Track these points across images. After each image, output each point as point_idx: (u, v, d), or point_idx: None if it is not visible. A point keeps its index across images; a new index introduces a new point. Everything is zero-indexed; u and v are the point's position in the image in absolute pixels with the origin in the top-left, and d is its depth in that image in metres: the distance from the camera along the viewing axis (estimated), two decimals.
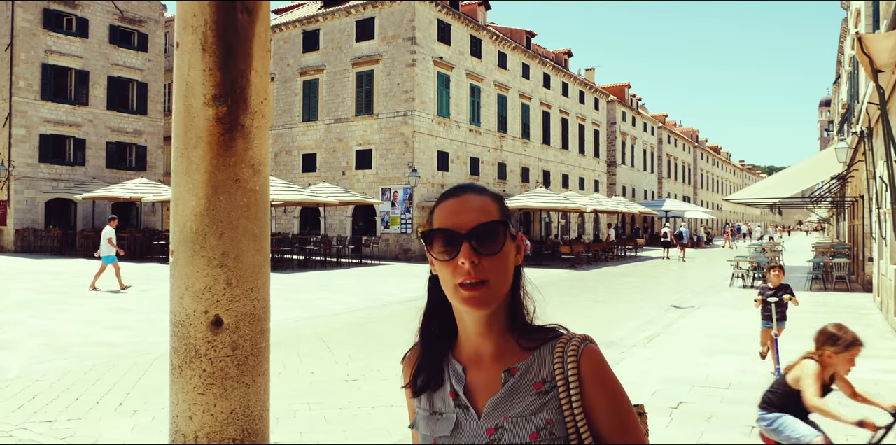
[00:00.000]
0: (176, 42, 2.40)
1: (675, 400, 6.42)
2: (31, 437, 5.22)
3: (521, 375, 1.24)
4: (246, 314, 2.34)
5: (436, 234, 1.23)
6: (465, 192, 1.27)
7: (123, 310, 12.45)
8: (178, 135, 2.27)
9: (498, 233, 1.21)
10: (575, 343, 1.23)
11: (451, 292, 1.22)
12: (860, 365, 7.75)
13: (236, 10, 2.39)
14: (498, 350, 1.27)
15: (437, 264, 1.24)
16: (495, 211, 1.24)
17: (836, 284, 17.89)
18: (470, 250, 1.18)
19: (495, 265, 1.20)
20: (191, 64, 2.35)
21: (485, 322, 1.25)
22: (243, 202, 2.33)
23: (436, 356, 1.35)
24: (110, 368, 7.75)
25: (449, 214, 1.24)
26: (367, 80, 30.75)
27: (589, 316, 12.76)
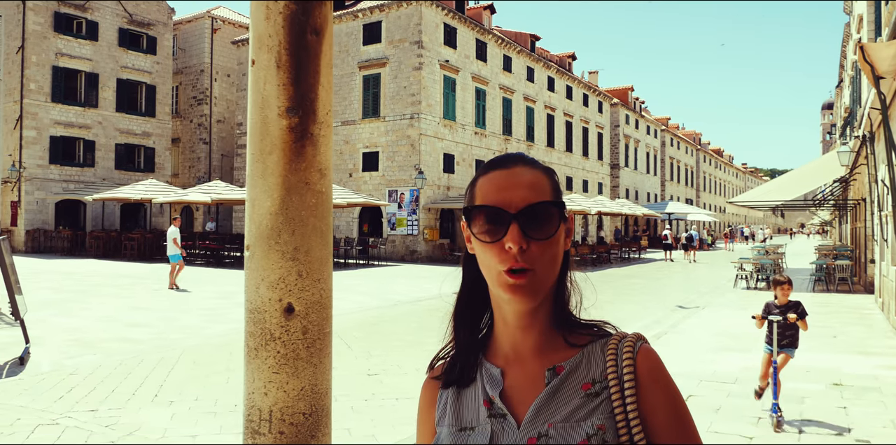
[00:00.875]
0: (251, 59, 2.72)
1: (684, 394, 6.70)
2: (77, 425, 5.52)
3: (568, 374, 1.08)
4: (314, 302, 2.65)
5: (479, 211, 1.08)
6: (515, 164, 1.12)
7: (141, 309, 12.75)
8: (253, 142, 2.59)
9: (552, 216, 1.07)
10: (629, 341, 1.10)
11: (494, 277, 1.07)
12: (863, 362, 8.08)
13: (306, 32, 2.70)
14: (540, 345, 1.12)
15: (478, 246, 1.09)
16: (548, 189, 1.10)
17: (838, 286, 18.16)
18: (519, 233, 1.03)
19: (545, 251, 1.06)
20: (266, 79, 2.66)
21: (528, 313, 1.10)
22: (312, 203, 2.65)
23: (471, 351, 1.18)
24: (139, 363, 8.05)
25: (496, 188, 1.08)
26: (374, 83, 31.07)
27: (595, 316, 13.02)
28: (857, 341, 9.94)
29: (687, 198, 73.53)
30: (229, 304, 13.58)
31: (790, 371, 7.81)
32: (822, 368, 7.96)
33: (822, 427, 5.58)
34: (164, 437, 5.25)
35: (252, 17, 2.76)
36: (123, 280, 18.50)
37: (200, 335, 10.08)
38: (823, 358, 8.61)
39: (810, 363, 8.20)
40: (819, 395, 6.70)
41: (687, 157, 75.15)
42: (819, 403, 6.39)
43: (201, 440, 5.19)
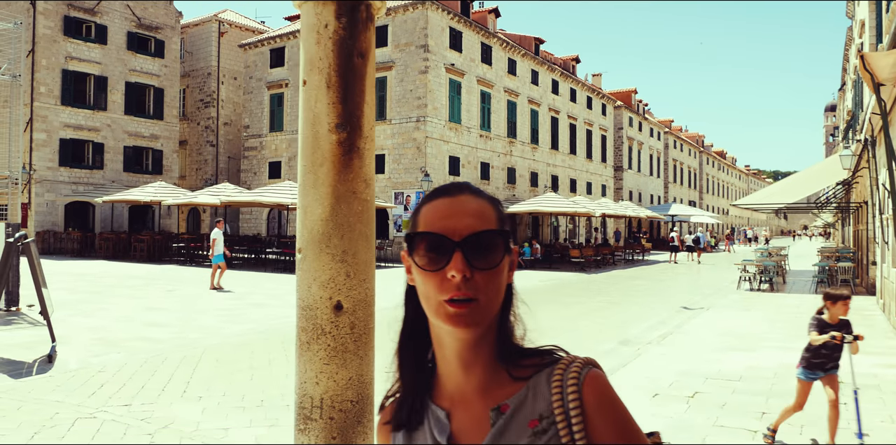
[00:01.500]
0: (302, 80, 3.02)
1: (690, 390, 6.98)
2: (114, 418, 5.80)
3: (514, 412, 1.04)
4: (360, 300, 2.95)
5: (422, 238, 1.05)
6: (460, 192, 1.09)
7: (157, 309, 13.04)
8: (305, 155, 2.88)
9: (497, 245, 1.05)
10: (575, 368, 1.03)
11: (434, 308, 1.03)
12: (864, 361, 8.32)
13: (353, 55, 3.00)
14: (484, 382, 1.08)
15: (418, 274, 1.05)
16: (494, 218, 1.08)
17: (840, 287, 18.37)
18: (463, 261, 1.01)
19: (489, 281, 1.03)
20: (317, 98, 2.96)
21: (469, 347, 1.06)
22: (358, 210, 2.95)
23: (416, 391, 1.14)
24: (163, 361, 8.33)
25: (440, 216, 1.06)
26: (381, 87, 31.37)
27: (604, 316, 13.31)
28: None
29: (690, 200, 73.74)
30: (243, 305, 13.86)
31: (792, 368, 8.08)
32: None
33: (824, 422, 5.84)
34: (198, 430, 5.53)
35: (303, 41, 3.06)
36: (135, 281, 18.79)
37: (219, 334, 10.36)
38: None
39: None
40: (821, 392, 6.95)
41: (690, 159, 75.38)
42: (820, 400, 6.65)
43: (233, 432, 5.47)
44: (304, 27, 3.10)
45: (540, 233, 39.09)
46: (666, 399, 6.63)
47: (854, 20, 26.22)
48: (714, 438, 5.34)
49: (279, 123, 35.53)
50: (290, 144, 34.96)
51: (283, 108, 35.38)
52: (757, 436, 5.44)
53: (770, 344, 9.91)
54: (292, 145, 34.90)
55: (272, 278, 20.44)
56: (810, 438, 5.48)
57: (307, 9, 3.05)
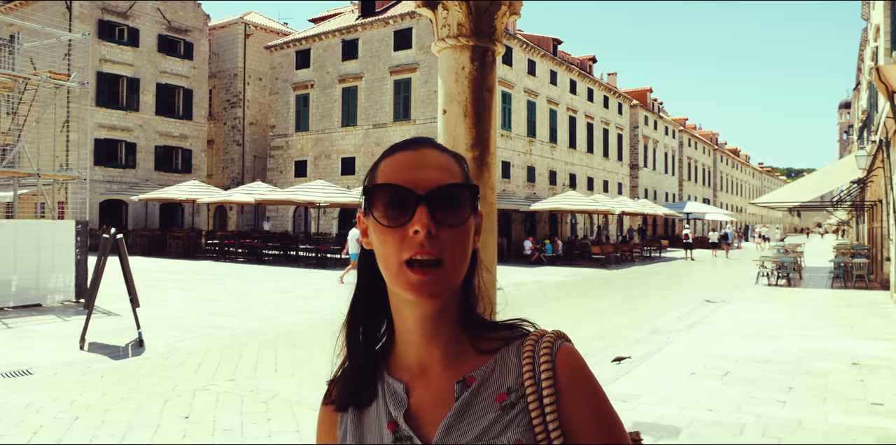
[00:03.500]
0: (442, 109, 3.94)
1: (723, 370, 7.82)
2: (226, 390, 6.70)
3: (480, 385, 0.97)
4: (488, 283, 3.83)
5: (382, 191, 0.96)
6: (423, 145, 1.02)
7: (213, 301, 13.96)
8: None
9: (464, 200, 0.96)
10: (547, 341, 0.98)
11: (394, 272, 0.94)
12: (878, 346, 9.14)
13: (483, 90, 3.91)
14: (448, 354, 1.01)
15: (376, 232, 0.96)
16: (459, 174, 1.00)
17: (855, 282, 19.12)
18: (428, 216, 0.92)
19: (456, 240, 0.94)
20: (456, 124, 3.87)
21: (432, 317, 0.99)
22: (486, 211, 3.84)
23: (366, 366, 1.05)
24: (242, 345, 9.24)
25: (402, 168, 0.97)
26: (405, 88, 32.25)
27: (632, 309, 14.15)
28: (872, 330, 10.98)
29: (704, 198, 74.26)
30: (292, 298, 14.77)
31: (814, 352, 8.93)
32: (841, 351, 9.04)
33: (843, 395, 6.68)
34: (302, 399, 6.42)
35: (443, 79, 3.99)
36: (180, 275, 19.75)
37: (280, 323, 11.26)
38: (843, 343, 9.68)
39: (831, 347, 9.28)
40: (839, 372, 7.79)
41: (704, 157, 75.87)
42: (840, 378, 7.48)
43: None
44: (443, 68, 4.03)
45: (559, 231, 39.88)
46: (702, 377, 7.48)
47: (869, 23, 26.84)
48: (749, 407, 6.18)
49: (305, 123, 36.47)
50: (316, 144, 35.90)
51: (308, 109, 36.31)
52: (786, 406, 6.27)
53: (791, 332, 10.71)
54: (318, 144, 35.83)
55: (308, 273, 21.36)
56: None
57: (446, 54, 3.97)
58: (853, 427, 5.58)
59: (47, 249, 13.02)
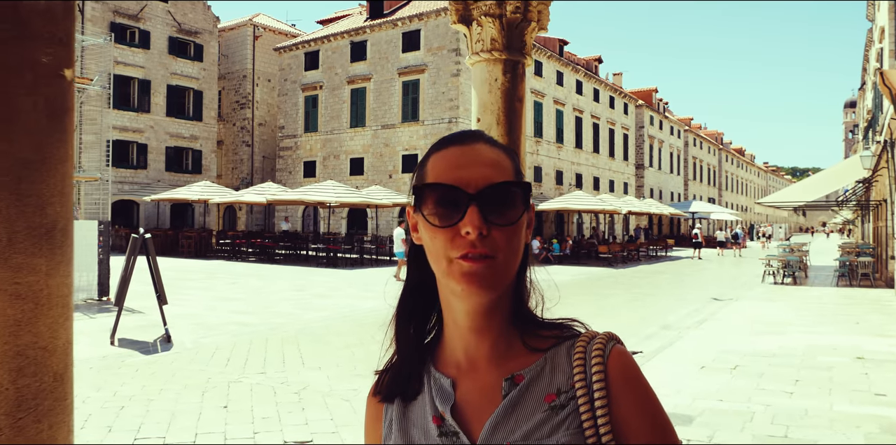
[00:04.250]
0: (477, 118, 4.26)
1: (732, 364, 8.12)
2: (259, 382, 7.04)
3: (529, 384, 0.95)
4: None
5: (432, 190, 0.93)
6: (474, 140, 0.97)
7: (232, 299, 14.30)
8: None
9: (516, 199, 0.93)
10: (600, 342, 0.96)
11: (444, 267, 0.92)
12: (882, 342, 9.42)
13: (514, 100, 4.24)
14: (497, 350, 0.98)
15: (427, 231, 0.94)
16: (511, 170, 0.96)
17: (860, 281, 19.39)
18: (479, 216, 0.89)
19: (508, 239, 0.91)
20: (489, 131, 4.20)
21: (483, 312, 0.96)
22: None
23: (414, 359, 1.05)
24: (266, 341, 9.57)
25: (452, 166, 0.94)
26: (413, 89, 32.58)
27: (641, 306, 14.45)
28: (876, 326, 11.27)
29: (709, 198, 74.45)
30: (308, 296, 15.10)
31: (819, 347, 9.23)
32: (846, 346, 9.34)
33: (847, 386, 6.99)
34: (332, 390, 6.74)
35: (476, 90, 4.31)
36: (196, 274, 20.10)
37: (301, 320, 11.59)
38: (847, 338, 9.98)
39: (836, 343, 9.58)
40: (844, 365, 8.09)
41: (709, 157, 76.07)
42: (844, 371, 7.79)
43: (363, 392, 6.68)
44: (477, 79, 4.35)
45: (565, 230, 40.18)
46: (712, 371, 7.79)
47: (874, 24, 27.07)
48: (757, 397, 6.49)
49: (314, 124, 36.84)
50: (325, 144, 36.26)
51: (317, 110, 36.67)
52: (793, 396, 6.57)
53: (797, 329, 11.01)
54: (326, 145, 36.19)
55: (320, 272, 21.70)
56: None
57: (480, 67, 4.30)
58: (857, 416, 5.88)
59: None
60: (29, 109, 1.68)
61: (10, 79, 1.65)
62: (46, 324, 1.74)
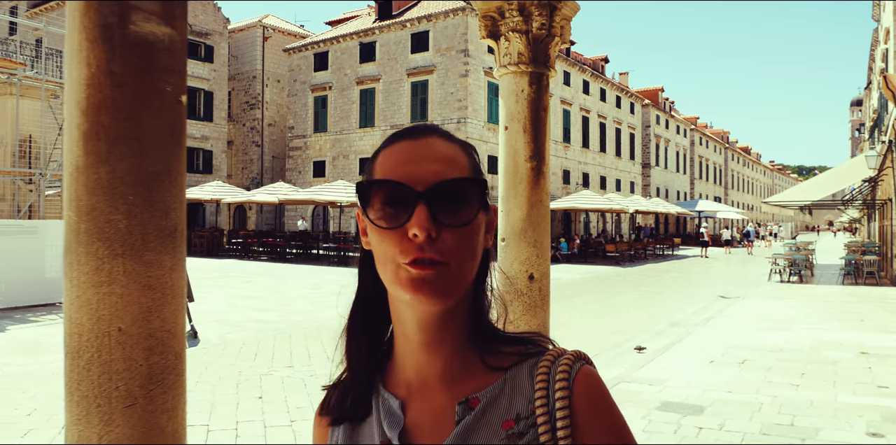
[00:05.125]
0: (505, 126, 4.58)
1: (740, 358, 8.43)
2: (288, 375, 7.37)
3: (485, 408, 0.85)
4: (543, 273, 4.49)
5: (378, 188, 0.84)
6: (427, 134, 0.89)
7: (250, 297, 14.66)
8: (507, 176, 4.44)
9: (471, 197, 0.84)
10: (566, 362, 0.85)
11: (391, 273, 0.83)
12: (885, 338, 9.71)
13: (539, 109, 4.56)
14: (451, 369, 0.89)
15: (374, 234, 0.85)
16: (467, 166, 0.87)
17: (866, 279, 19.65)
18: (427, 217, 0.80)
19: (461, 243, 0.83)
20: (517, 139, 4.52)
21: (435, 324, 0.86)
22: (542, 213, 4.49)
23: (364, 378, 0.95)
24: (289, 337, 9.91)
25: (401, 161, 0.85)
26: (422, 90, 32.91)
27: (649, 304, 14.75)
28: (881, 323, 11.56)
29: (716, 197, 74.62)
30: (322, 294, 15.45)
31: (825, 343, 9.53)
32: (851, 342, 9.63)
33: (851, 379, 7.29)
34: None
35: (504, 99, 4.64)
36: (211, 273, 20.47)
37: (318, 317, 11.93)
38: (852, 334, 10.27)
39: (841, 338, 9.88)
40: (849, 360, 8.40)
41: (715, 156, 76.23)
42: (849, 365, 8.09)
43: None
44: (504, 90, 4.68)
45: (573, 229, 40.47)
46: (721, 365, 8.09)
47: (880, 25, 27.29)
48: (765, 389, 6.80)
49: (323, 124, 37.19)
50: (334, 144, 36.61)
51: (326, 110, 37.02)
52: (799, 388, 6.88)
53: (804, 325, 11.30)
54: (336, 145, 36.55)
55: (331, 271, 22.04)
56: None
57: (508, 78, 4.63)
58: (860, 406, 6.19)
59: None
60: (156, 131, 2.01)
61: (143, 106, 1.98)
62: (170, 311, 2.07)
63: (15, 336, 9.75)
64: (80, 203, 1.96)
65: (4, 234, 12.03)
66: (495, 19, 4.56)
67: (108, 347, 1.97)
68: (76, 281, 1.99)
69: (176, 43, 2.07)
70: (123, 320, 1.97)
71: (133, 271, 1.96)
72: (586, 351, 0.90)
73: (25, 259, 12.51)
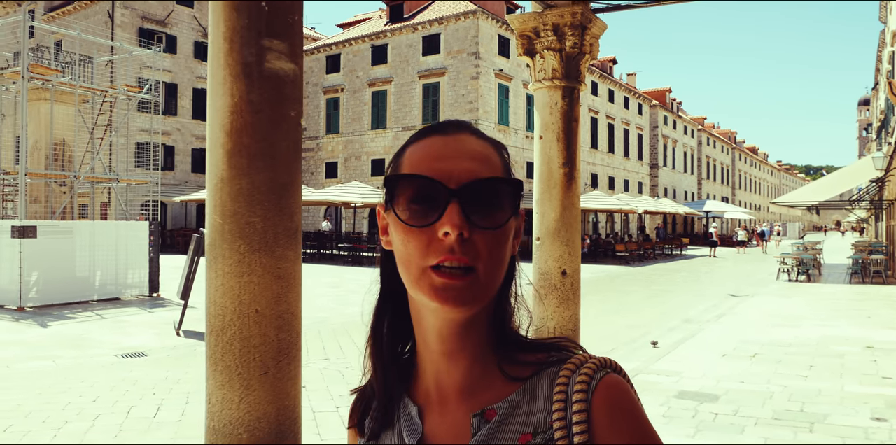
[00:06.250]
0: (539, 135, 5.03)
1: (751, 352, 8.86)
2: (325, 367, 7.83)
3: (501, 421, 0.81)
4: (575, 269, 4.94)
5: (407, 183, 0.78)
6: (459, 131, 0.83)
7: None
8: (542, 181, 4.89)
9: (504, 199, 0.79)
10: (586, 371, 0.79)
11: (415, 277, 0.78)
12: (891, 334, 10.11)
13: (571, 120, 5.01)
14: (470, 378, 0.84)
15: (398, 232, 0.79)
16: (500, 166, 0.82)
17: (873, 278, 20.01)
18: (461, 215, 0.75)
19: (492, 247, 0.78)
20: (551, 147, 4.96)
21: (457, 332, 0.82)
22: (574, 214, 4.94)
23: (390, 385, 0.89)
24: (318, 332, 10.36)
25: (432, 157, 0.79)
26: (434, 91, 33.37)
27: (661, 302, 15.17)
28: (887, 320, 11.95)
29: (723, 197, 74.89)
30: (342, 292, 15.92)
31: (832, 338, 9.94)
32: (857, 337, 10.05)
33: (857, 371, 7.71)
34: None
35: (539, 111, 5.08)
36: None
37: (342, 314, 12.39)
38: (859, 330, 10.69)
39: (848, 334, 10.30)
40: (855, 354, 8.81)
41: (723, 156, 76.50)
42: (855, 358, 8.51)
43: None
44: (539, 103, 5.13)
45: (583, 229, 40.82)
46: (732, 358, 8.52)
47: (887, 27, 27.61)
48: (776, 380, 7.23)
49: (335, 126, 37.69)
50: (346, 146, 37.11)
51: (338, 112, 37.53)
52: (808, 379, 7.31)
53: (812, 322, 11.71)
54: (348, 146, 37.05)
55: (347, 270, 22.52)
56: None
57: (542, 92, 5.08)
58: (865, 395, 6.61)
59: (123, 248, 14.22)
60: (284, 149, 2.46)
61: (275, 129, 2.43)
62: (293, 297, 2.53)
63: (58, 331, 10.24)
64: (224, 208, 2.42)
65: (43, 234, 12.52)
66: (531, 38, 5.01)
67: (247, 326, 2.43)
68: (220, 271, 2.45)
69: (297, 76, 2.52)
70: (260, 303, 2.43)
71: (267, 264, 2.42)
72: (603, 346, 0.97)
73: (60, 258, 13.00)
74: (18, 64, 15.80)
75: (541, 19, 4.95)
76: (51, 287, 12.87)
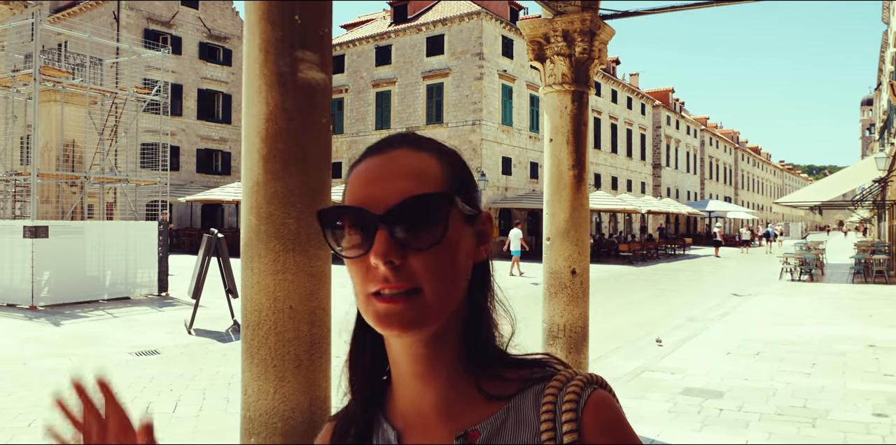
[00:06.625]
0: (549, 138, 5.17)
1: (754, 350, 8.99)
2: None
3: (486, 442, 0.77)
4: (584, 268, 5.09)
5: (338, 215, 0.75)
6: (393, 146, 0.79)
7: None
8: (552, 182, 5.03)
9: (438, 213, 0.74)
10: (574, 389, 0.76)
11: (363, 305, 0.77)
12: (893, 333, 10.24)
13: (580, 123, 5.15)
14: (446, 399, 0.80)
15: (346, 262, 0.77)
16: (437, 175, 0.77)
17: (875, 278, 20.13)
18: (387, 242, 0.72)
19: (434, 264, 0.74)
20: (561, 149, 5.11)
21: (425, 354, 0.78)
22: (583, 215, 5.08)
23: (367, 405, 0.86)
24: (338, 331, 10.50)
25: (364, 180, 0.76)
26: (437, 92, 33.51)
27: (665, 301, 15.31)
28: (889, 319, 12.08)
29: (726, 197, 74.97)
30: (349, 292, 16.02)
31: (834, 337, 10.07)
32: (859, 336, 10.18)
33: (859, 368, 7.85)
34: None
35: (549, 115, 5.22)
36: (237, 270, 21.09)
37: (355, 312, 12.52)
38: (861, 329, 10.82)
39: (850, 333, 10.44)
40: (857, 352, 8.95)
41: (725, 156, 76.57)
42: (857, 357, 8.64)
43: None
44: (549, 107, 5.27)
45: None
46: (736, 356, 8.66)
47: (889, 28, 27.71)
48: (779, 377, 7.37)
49: (339, 126, 37.85)
50: (350, 146, 37.26)
51: (342, 112, 37.68)
52: (811, 376, 7.45)
53: (814, 321, 11.84)
54: (352, 147, 37.20)
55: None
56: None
57: (552, 96, 5.22)
58: (867, 392, 6.75)
59: (133, 248, 14.39)
60: (315, 154, 2.61)
61: (307, 135, 2.58)
62: (325, 294, 2.68)
63: (72, 330, 10.41)
64: (260, 210, 2.57)
65: (54, 234, 12.69)
66: (541, 44, 5.15)
67: (282, 321, 2.58)
68: (256, 270, 2.60)
69: (327, 85, 2.67)
70: (294, 300, 2.58)
71: (300, 262, 2.57)
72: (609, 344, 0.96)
73: (71, 258, 13.18)
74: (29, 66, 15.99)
75: (551, 26, 5.09)
76: (62, 286, 13.04)
